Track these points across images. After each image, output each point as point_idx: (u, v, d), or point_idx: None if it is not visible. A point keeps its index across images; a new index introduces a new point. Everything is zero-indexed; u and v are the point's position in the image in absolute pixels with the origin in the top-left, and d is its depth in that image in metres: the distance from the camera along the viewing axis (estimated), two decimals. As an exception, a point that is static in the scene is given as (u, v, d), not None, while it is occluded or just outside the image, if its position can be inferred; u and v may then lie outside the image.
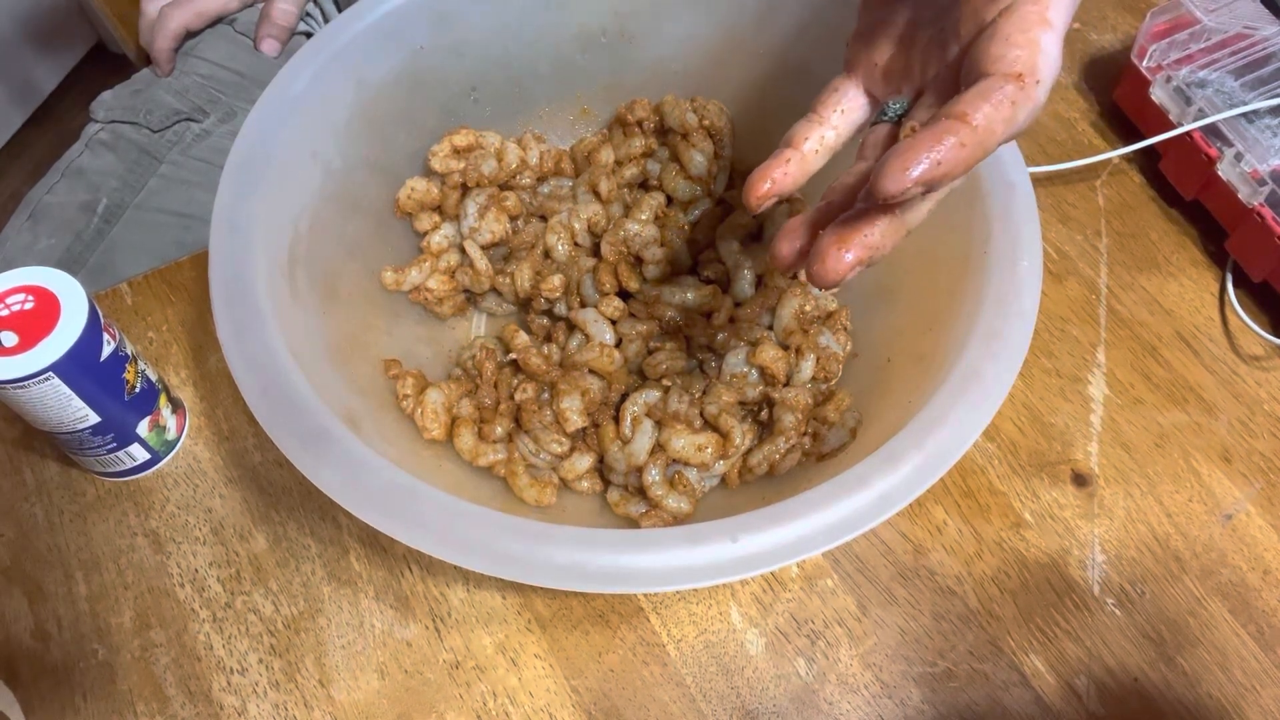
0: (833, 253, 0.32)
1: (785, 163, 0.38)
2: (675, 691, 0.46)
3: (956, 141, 0.29)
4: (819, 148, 0.39)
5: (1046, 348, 0.56)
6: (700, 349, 0.52)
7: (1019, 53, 0.30)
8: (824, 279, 0.32)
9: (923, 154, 0.29)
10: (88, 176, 0.70)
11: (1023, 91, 0.30)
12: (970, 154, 0.29)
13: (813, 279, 0.33)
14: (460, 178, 0.55)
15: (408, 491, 0.37)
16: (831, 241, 0.32)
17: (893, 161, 0.29)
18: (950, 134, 0.29)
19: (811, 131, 0.39)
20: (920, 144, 0.29)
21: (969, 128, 0.29)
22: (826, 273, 0.32)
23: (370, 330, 0.51)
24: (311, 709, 0.46)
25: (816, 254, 0.32)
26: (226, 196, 0.44)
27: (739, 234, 0.54)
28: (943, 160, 0.29)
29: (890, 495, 0.37)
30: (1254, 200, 0.55)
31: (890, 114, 0.37)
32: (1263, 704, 0.46)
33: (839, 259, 0.32)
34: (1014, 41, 0.31)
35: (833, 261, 0.32)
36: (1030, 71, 0.30)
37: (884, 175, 0.29)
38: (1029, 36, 0.31)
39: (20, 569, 0.50)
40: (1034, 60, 0.30)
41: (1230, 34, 0.61)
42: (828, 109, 0.39)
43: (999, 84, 0.30)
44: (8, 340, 0.44)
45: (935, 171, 0.29)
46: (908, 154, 0.29)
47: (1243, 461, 0.52)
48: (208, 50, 0.74)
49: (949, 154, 0.29)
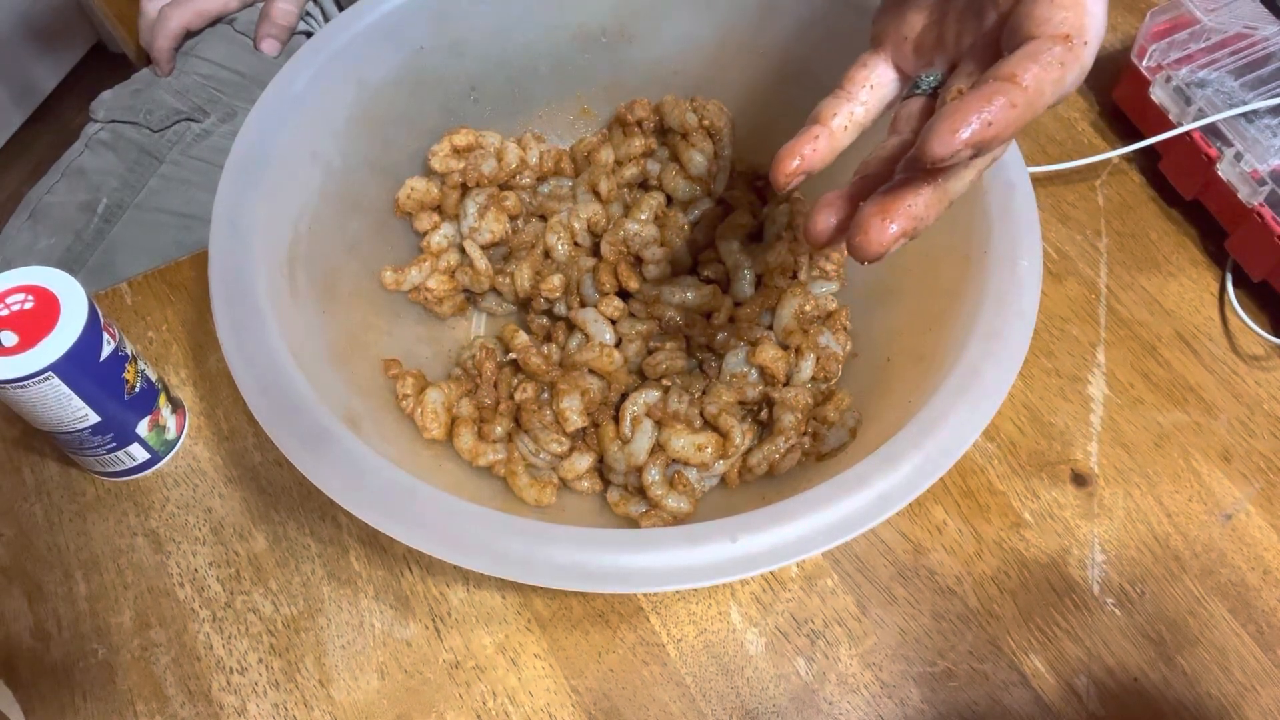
0: (876, 223, 0.31)
1: (814, 139, 0.37)
2: (675, 691, 0.46)
3: (1007, 101, 0.29)
4: (848, 124, 0.37)
5: (1046, 348, 0.56)
6: (700, 349, 0.52)
7: (1065, 14, 0.30)
8: (867, 251, 0.31)
9: (972, 114, 0.28)
10: (88, 176, 0.70)
11: (1071, 52, 0.30)
12: (1020, 114, 0.29)
13: (855, 252, 0.32)
14: (460, 177, 0.55)
15: (408, 491, 0.37)
16: (874, 212, 0.31)
17: (942, 123, 0.28)
18: (1000, 94, 0.29)
19: (840, 107, 0.38)
20: (970, 105, 0.28)
21: (1019, 88, 0.29)
22: (870, 244, 0.31)
23: (370, 330, 0.51)
24: (311, 709, 0.46)
25: (858, 226, 0.31)
26: (226, 196, 0.44)
27: (739, 234, 0.54)
28: (994, 120, 0.28)
29: (890, 495, 0.37)
30: (1254, 200, 0.55)
31: (924, 87, 0.36)
32: (1262, 704, 0.46)
33: (883, 230, 0.31)
34: (1060, 3, 0.30)
35: (876, 233, 0.31)
36: (1078, 32, 0.30)
37: (933, 137, 0.28)
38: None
39: (20, 569, 0.50)
40: (1081, 21, 0.30)
41: (1230, 34, 0.61)
42: (856, 85, 0.38)
43: (1047, 45, 0.30)
44: (8, 340, 0.44)
45: (986, 132, 0.28)
46: (957, 115, 0.28)
47: (1243, 461, 0.52)
48: (208, 50, 0.75)
49: (1000, 114, 0.28)
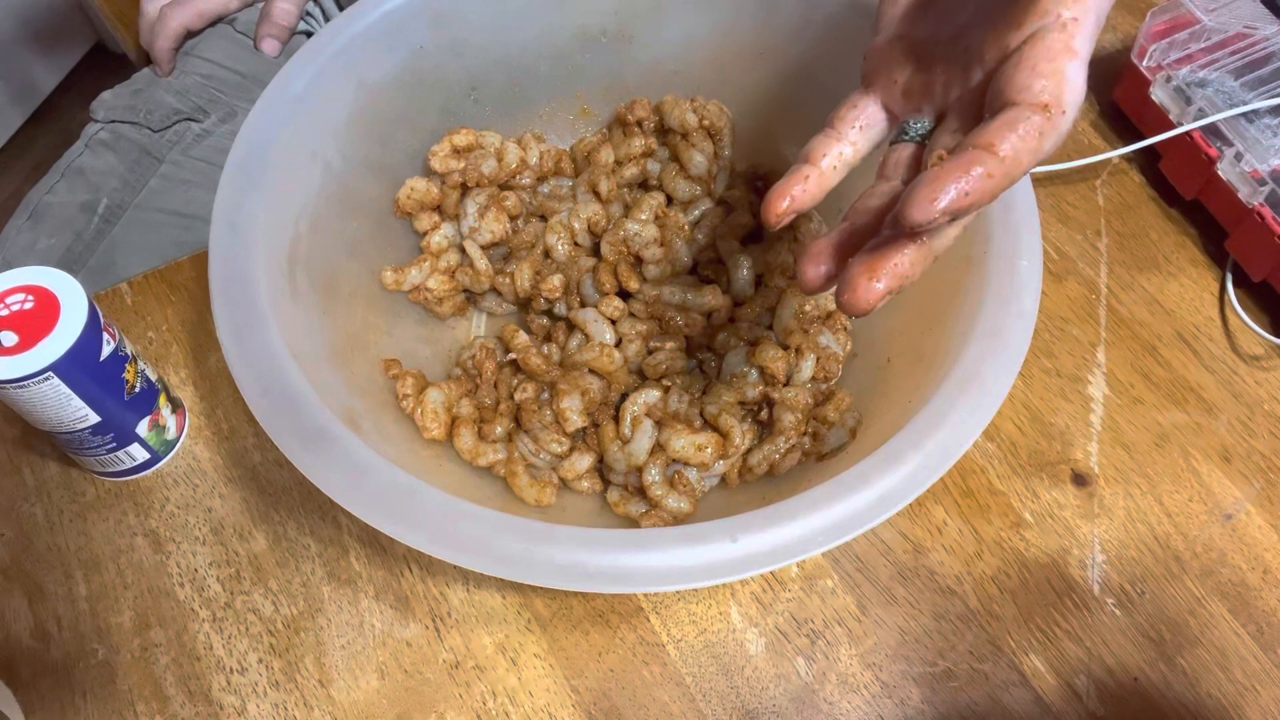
0: (863, 282, 0.32)
1: (804, 179, 0.38)
2: (675, 691, 0.46)
3: (984, 172, 0.29)
4: (837, 164, 0.38)
5: (1046, 348, 0.56)
6: (700, 349, 0.52)
7: (1045, 82, 0.31)
8: (855, 308, 0.32)
9: (949, 184, 0.29)
10: (88, 176, 0.70)
11: (1049, 121, 0.30)
12: (997, 184, 0.30)
13: (843, 308, 0.33)
14: (460, 178, 0.54)
15: (407, 491, 0.37)
16: (861, 270, 0.32)
17: (920, 191, 0.29)
18: (977, 164, 0.29)
19: (830, 147, 0.38)
20: (947, 174, 0.29)
21: (996, 158, 0.29)
22: (858, 302, 0.32)
23: (370, 330, 0.51)
24: (311, 709, 0.46)
25: (846, 283, 0.32)
26: (226, 196, 0.44)
27: (739, 234, 0.54)
28: (970, 191, 0.29)
29: (890, 495, 0.37)
30: (1254, 200, 0.55)
31: (911, 134, 0.37)
32: (1262, 704, 0.46)
33: (870, 289, 0.32)
34: (1040, 71, 0.31)
35: (863, 291, 0.32)
36: (1056, 101, 0.30)
37: (912, 205, 0.29)
38: (1055, 66, 0.31)
39: (20, 569, 0.50)
40: (1060, 90, 0.31)
41: (1230, 34, 0.61)
42: (846, 125, 0.39)
43: (1026, 114, 0.30)
44: (8, 340, 0.44)
45: (962, 201, 0.29)
46: (935, 184, 0.29)
47: (1243, 461, 0.52)
48: (208, 50, 0.75)
49: (976, 184, 0.29)
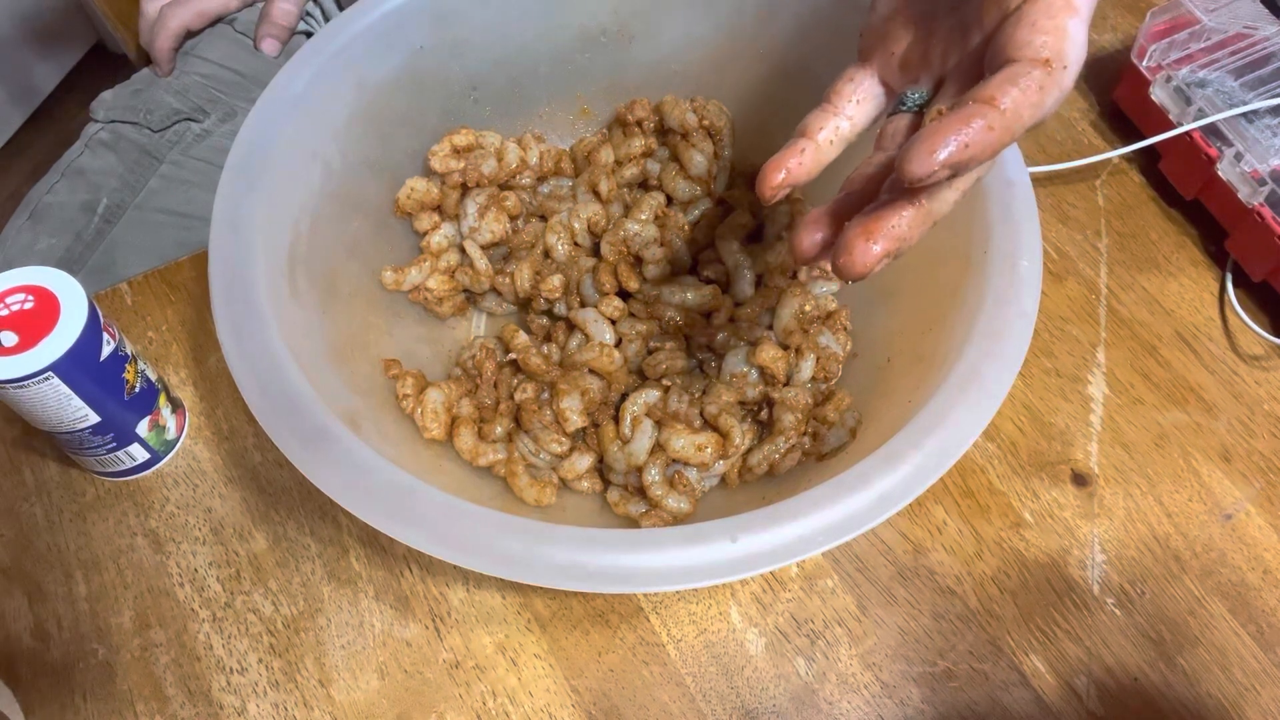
0: (860, 244, 0.32)
1: (800, 152, 0.37)
2: (675, 691, 0.46)
3: (984, 124, 0.29)
4: (834, 138, 0.38)
5: (1046, 348, 0.56)
6: (700, 349, 0.52)
7: (1046, 38, 0.30)
8: (851, 271, 0.32)
9: (949, 136, 0.29)
10: (88, 176, 0.70)
11: (1050, 77, 0.30)
12: (998, 137, 0.29)
13: (839, 271, 0.32)
14: (460, 178, 0.54)
15: (407, 491, 0.37)
16: (858, 233, 0.32)
17: (919, 144, 0.29)
18: (978, 116, 0.29)
19: (826, 121, 0.38)
20: (947, 126, 0.29)
21: (997, 111, 0.29)
22: (854, 265, 0.32)
23: (370, 330, 0.51)
24: (311, 709, 0.46)
25: (843, 246, 0.32)
26: (226, 196, 0.44)
27: (739, 234, 0.54)
28: (970, 143, 0.29)
29: (890, 495, 0.37)
30: (1254, 200, 0.55)
31: (909, 104, 0.37)
32: (1262, 704, 0.46)
33: (866, 250, 0.31)
34: (1040, 27, 0.31)
35: (860, 254, 0.31)
36: (1058, 57, 0.30)
37: (911, 158, 0.29)
38: (1056, 23, 0.31)
39: (20, 569, 0.50)
40: (1061, 46, 0.30)
41: (1230, 34, 0.61)
42: (842, 99, 0.38)
43: (1026, 69, 0.30)
44: (8, 340, 0.44)
45: (963, 154, 0.29)
46: (935, 136, 0.29)
47: (1243, 461, 0.52)
48: (208, 50, 0.75)
49: (977, 136, 0.29)
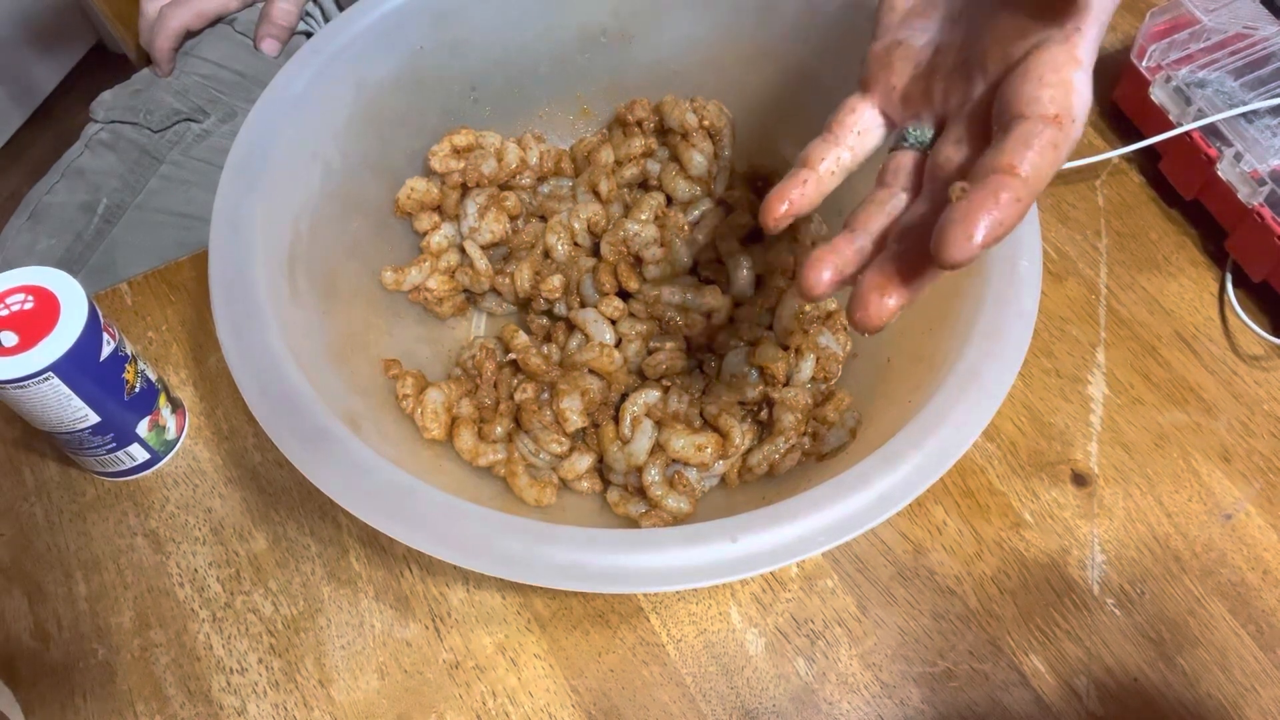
0: (874, 299, 0.32)
1: (802, 183, 0.38)
2: (675, 691, 0.46)
3: (1011, 196, 0.29)
4: (835, 168, 0.38)
5: (1046, 348, 0.56)
6: (700, 349, 0.52)
7: (1053, 93, 0.31)
8: (867, 325, 0.32)
9: (981, 216, 0.29)
10: (88, 176, 0.70)
11: (1061, 132, 0.30)
12: (1024, 205, 0.30)
13: (855, 325, 0.33)
14: (460, 178, 0.55)
15: (407, 491, 0.37)
16: (872, 287, 0.32)
17: (954, 230, 0.29)
18: (1004, 189, 0.29)
19: (828, 152, 0.38)
20: (977, 207, 0.29)
21: (1019, 179, 0.30)
22: (870, 319, 0.32)
23: (370, 330, 0.51)
24: (311, 709, 0.46)
25: (859, 301, 0.33)
26: (226, 196, 0.44)
27: (739, 234, 0.54)
28: (1003, 219, 0.29)
29: (890, 495, 0.37)
30: (1254, 200, 0.55)
31: (911, 140, 0.37)
32: (1262, 704, 0.46)
33: (881, 305, 0.32)
34: (1047, 82, 0.31)
35: (875, 308, 0.32)
36: (1066, 112, 0.31)
37: (948, 245, 0.29)
38: (1061, 76, 0.31)
39: (20, 569, 0.50)
40: (1069, 101, 0.31)
41: (1230, 34, 0.61)
42: (844, 130, 0.39)
43: (1039, 128, 0.30)
44: (8, 340, 0.44)
45: (997, 231, 0.29)
46: (968, 220, 0.29)
47: (1242, 461, 0.52)
48: (208, 50, 0.74)
49: (1007, 210, 0.29)
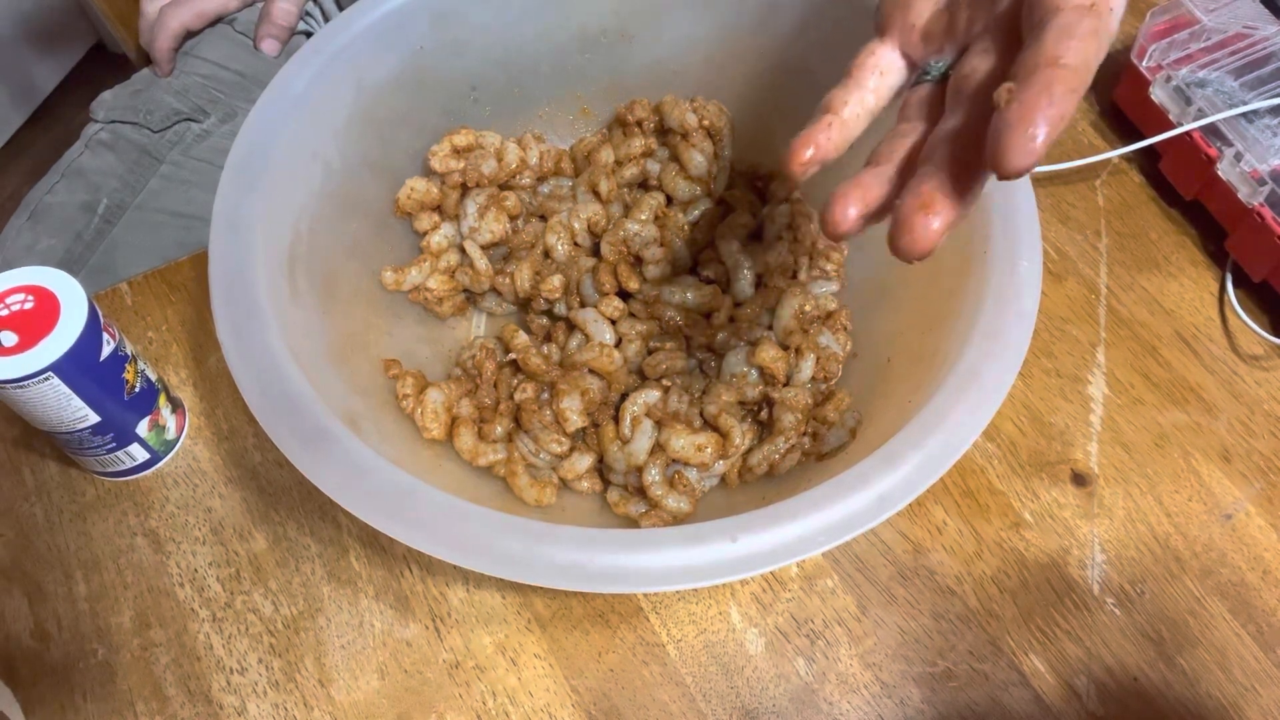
0: (920, 220, 0.30)
1: (828, 127, 0.36)
2: (675, 691, 0.46)
3: (1066, 89, 0.28)
4: (859, 112, 0.37)
5: (1046, 348, 0.56)
6: (700, 349, 0.52)
7: None
8: (914, 249, 0.30)
9: (1039, 113, 0.27)
10: (88, 176, 0.70)
11: (1101, 21, 0.29)
12: (1078, 96, 0.28)
13: (901, 252, 0.31)
14: (460, 178, 0.55)
15: (407, 491, 0.37)
16: (915, 208, 0.30)
17: (1012, 133, 0.27)
18: (1056, 80, 0.28)
19: (850, 96, 0.37)
20: (1032, 105, 0.27)
21: (1068, 69, 0.28)
22: (917, 243, 0.30)
23: (370, 330, 0.51)
24: (311, 709, 0.46)
25: (903, 225, 0.30)
26: (226, 196, 0.44)
27: (739, 234, 0.54)
28: (1062, 113, 0.27)
29: (890, 495, 0.37)
30: (1254, 200, 0.55)
31: (932, 74, 0.36)
32: (1263, 704, 0.46)
33: (927, 226, 0.30)
34: None
35: (921, 230, 0.30)
36: (1103, 0, 0.29)
37: (1009, 150, 0.27)
38: None
39: (20, 569, 0.50)
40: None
41: (1230, 34, 0.61)
42: (865, 73, 0.37)
43: (1078, 18, 0.29)
44: (8, 340, 0.44)
45: (1059, 126, 0.27)
46: (1027, 119, 0.27)
47: (1243, 461, 0.52)
48: (208, 50, 0.74)
49: (1063, 102, 0.27)
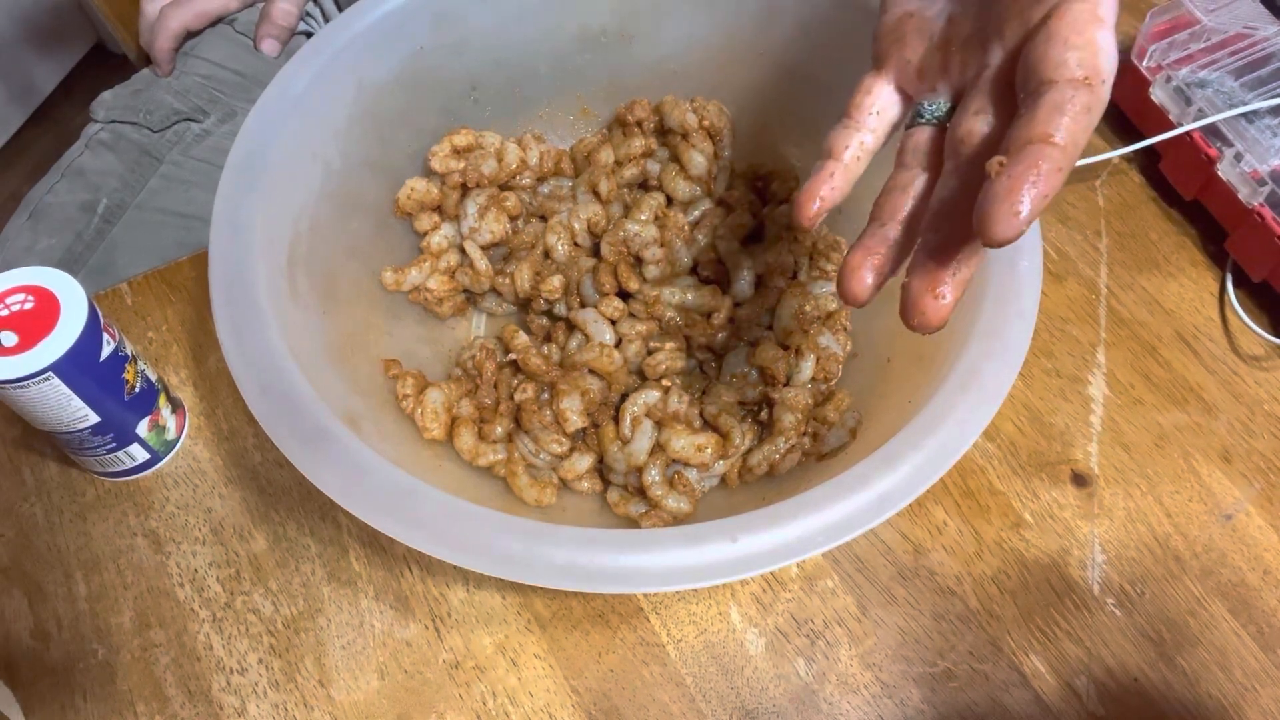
0: (929, 302, 0.32)
1: (830, 176, 0.37)
2: (675, 691, 0.46)
3: (1052, 167, 0.28)
4: (860, 154, 0.38)
5: (1046, 348, 0.56)
6: (700, 349, 0.52)
7: (1079, 55, 0.30)
8: (927, 327, 0.32)
9: (1025, 190, 0.28)
10: (88, 176, 0.70)
11: (1093, 95, 0.30)
12: (1065, 173, 0.29)
13: (913, 328, 0.32)
14: (460, 178, 0.54)
15: (407, 491, 0.37)
16: (922, 290, 0.32)
17: (997, 206, 0.28)
18: (1044, 159, 0.28)
19: (850, 139, 0.38)
20: (1020, 181, 0.28)
21: (1057, 147, 0.29)
22: (929, 321, 0.32)
23: (370, 330, 0.51)
24: (311, 709, 0.46)
25: (914, 308, 0.32)
26: (226, 196, 0.44)
27: (739, 234, 0.54)
28: (1046, 191, 0.28)
29: (890, 495, 0.37)
30: (1254, 200, 0.55)
31: (928, 115, 0.36)
32: (1263, 704, 0.46)
33: (937, 306, 0.32)
34: (1073, 44, 0.30)
35: (932, 310, 0.32)
36: (1095, 73, 0.30)
37: (995, 223, 0.28)
38: (1086, 37, 0.30)
39: (20, 569, 0.50)
40: (1096, 62, 0.30)
41: (1230, 34, 0.61)
42: (862, 112, 0.38)
43: (1069, 91, 0.29)
44: (8, 340, 0.44)
45: (1042, 203, 0.28)
46: (1012, 195, 0.28)
47: (1243, 461, 0.52)
48: (208, 50, 0.75)
49: (1048, 180, 0.28)
